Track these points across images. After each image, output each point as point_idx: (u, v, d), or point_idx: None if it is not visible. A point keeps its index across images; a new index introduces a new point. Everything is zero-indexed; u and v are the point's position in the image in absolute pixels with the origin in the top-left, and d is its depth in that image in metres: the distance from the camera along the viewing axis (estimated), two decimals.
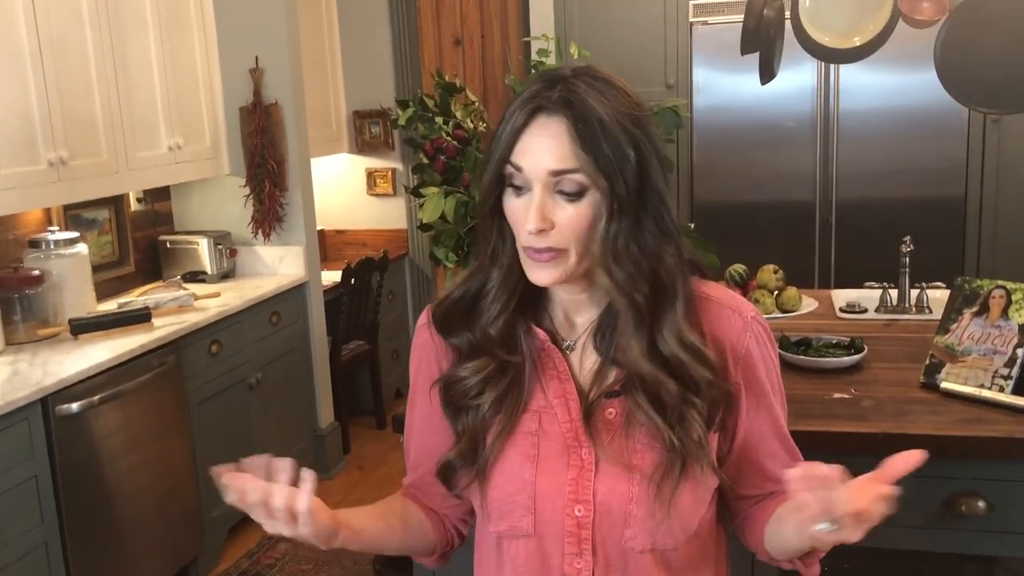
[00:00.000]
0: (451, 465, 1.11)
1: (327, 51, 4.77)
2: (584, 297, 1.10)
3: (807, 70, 3.96)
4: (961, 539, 1.70)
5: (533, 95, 1.02)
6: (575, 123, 0.99)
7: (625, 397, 1.06)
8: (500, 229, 1.07)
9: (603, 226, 1.01)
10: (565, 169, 0.99)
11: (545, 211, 1.00)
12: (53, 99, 2.88)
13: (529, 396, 1.10)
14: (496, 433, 1.09)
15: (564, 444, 1.07)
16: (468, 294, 1.12)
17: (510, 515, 1.08)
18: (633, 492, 1.04)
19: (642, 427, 1.05)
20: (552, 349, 1.11)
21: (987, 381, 1.80)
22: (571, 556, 1.06)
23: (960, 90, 2.23)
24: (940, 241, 3.93)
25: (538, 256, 1.03)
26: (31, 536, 2.45)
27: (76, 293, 3.10)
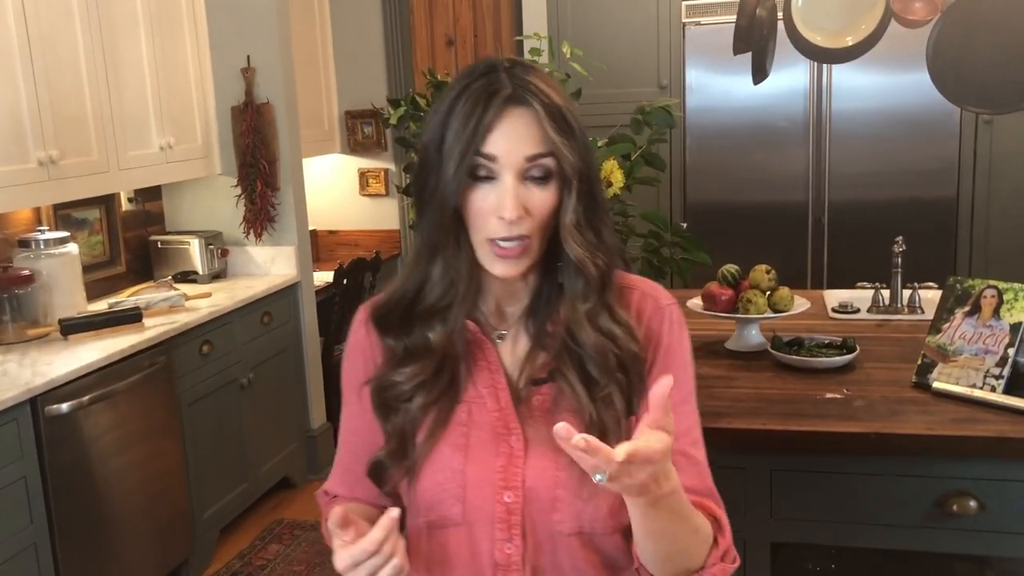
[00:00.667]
0: (382, 464, 1.13)
1: (319, 50, 4.76)
2: (520, 286, 1.13)
3: (799, 71, 3.96)
4: (952, 539, 1.71)
5: (488, 87, 1.03)
6: (544, 111, 1.02)
7: (552, 383, 1.10)
8: (455, 229, 1.06)
9: (568, 204, 1.05)
10: (540, 153, 1.02)
11: (519, 198, 1.02)
12: (43, 97, 2.87)
13: (461, 388, 1.11)
14: (428, 428, 1.10)
15: (493, 432, 1.09)
16: (406, 296, 1.11)
17: (440, 504, 1.09)
18: (560, 476, 1.06)
19: (567, 412, 1.08)
20: (483, 340, 1.13)
21: (979, 381, 1.80)
22: (501, 542, 1.08)
23: (952, 90, 2.23)
24: (932, 241, 3.94)
25: (507, 251, 1.04)
26: (20, 538, 2.43)
27: (66, 293, 3.09)
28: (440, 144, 1.04)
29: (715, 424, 1.74)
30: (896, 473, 1.71)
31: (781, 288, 2.17)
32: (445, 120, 1.04)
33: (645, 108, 1.97)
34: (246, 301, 3.50)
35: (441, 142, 1.04)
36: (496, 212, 1.02)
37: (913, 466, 1.70)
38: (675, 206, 4.29)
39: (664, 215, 2.01)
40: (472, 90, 1.03)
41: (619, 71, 4.07)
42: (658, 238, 1.96)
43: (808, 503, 1.75)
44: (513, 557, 1.08)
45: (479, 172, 1.03)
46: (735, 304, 2.17)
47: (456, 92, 1.05)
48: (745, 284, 2.19)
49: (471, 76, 1.05)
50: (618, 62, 4.11)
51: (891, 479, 1.71)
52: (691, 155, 4.19)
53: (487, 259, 1.06)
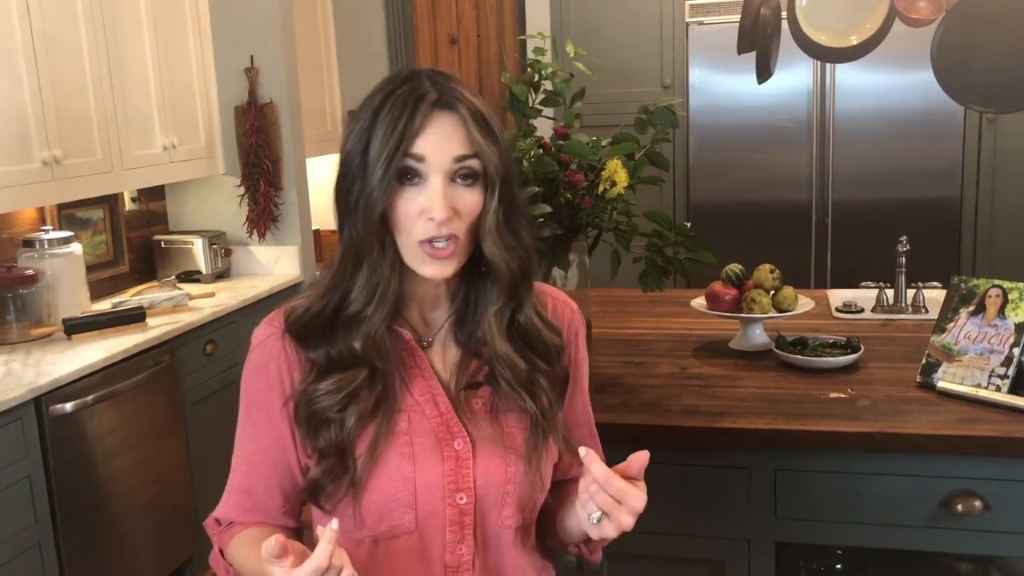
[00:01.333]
0: (319, 483, 1.09)
1: (322, 50, 4.75)
2: (441, 291, 1.15)
3: (803, 71, 3.96)
4: (958, 539, 1.70)
5: (413, 93, 1.04)
6: (470, 116, 1.05)
7: (489, 386, 1.14)
8: (381, 234, 1.06)
9: (489, 205, 1.07)
10: (468, 154, 1.05)
11: (449, 199, 1.04)
12: (47, 97, 2.87)
13: (397, 397, 1.12)
14: (370, 440, 1.09)
15: (436, 438, 1.11)
16: (328, 307, 1.10)
17: (389, 515, 1.09)
18: (510, 472, 1.11)
19: (508, 412, 1.13)
20: (414, 348, 1.14)
21: (984, 380, 1.80)
22: (453, 544, 1.10)
23: (957, 89, 2.23)
24: (936, 241, 3.93)
25: (439, 251, 1.05)
26: (24, 536, 2.44)
27: (70, 293, 3.09)
28: (365, 150, 1.05)
29: (719, 424, 1.74)
30: (900, 473, 1.70)
31: (785, 288, 2.17)
32: (370, 125, 1.05)
33: (649, 108, 1.96)
34: (250, 301, 3.50)
35: (366, 148, 1.05)
36: (426, 213, 1.04)
37: (918, 466, 1.69)
38: (678, 206, 4.29)
39: (667, 215, 2.01)
40: (397, 96, 1.05)
41: (622, 71, 4.07)
42: (662, 237, 1.96)
43: (812, 503, 1.75)
44: (464, 557, 1.10)
45: (407, 175, 1.04)
46: (739, 304, 2.17)
47: (380, 99, 1.06)
48: (749, 284, 2.18)
49: (393, 83, 1.07)
50: (621, 62, 4.11)
51: (895, 479, 1.71)
52: (694, 155, 4.19)
53: (417, 261, 1.07)
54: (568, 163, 1.86)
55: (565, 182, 1.84)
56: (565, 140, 1.89)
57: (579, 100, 2.00)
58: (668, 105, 1.94)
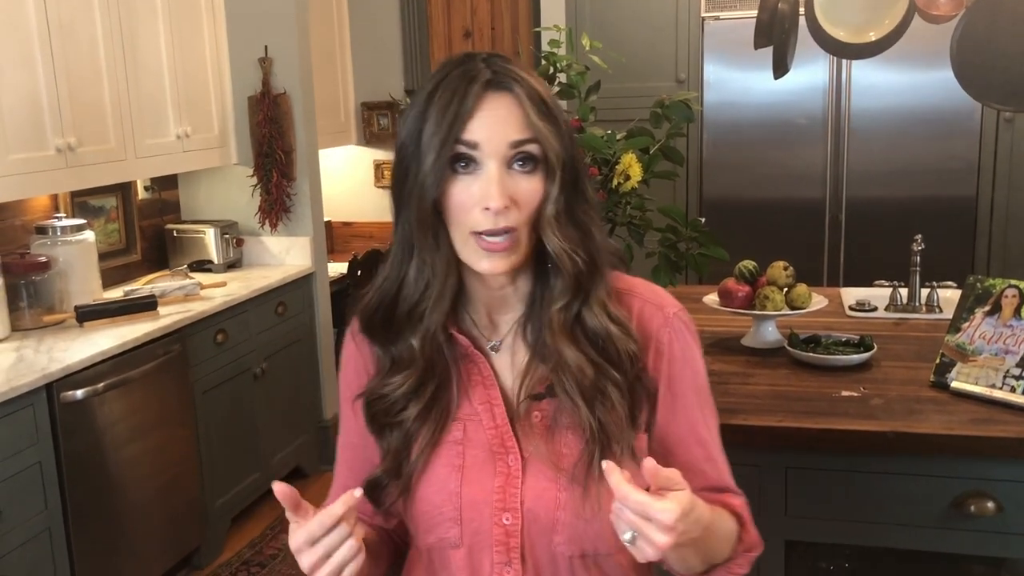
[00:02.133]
0: (377, 482, 1.08)
1: (336, 42, 4.76)
2: (509, 291, 1.07)
3: (819, 67, 3.93)
4: (969, 540, 1.69)
5: (465, 75, 0.99)
6: (526, 96, 0.99)
7: (552, 399, 1.04)
8: (434, 225, 1.00)
9: (551, 195, 1.00)
10: (526, 139, 0.98)
11: (506, 187, 0.97)
12: (62, 85, 2.87)
13: (454, 405, 1.07)
14: (421, 446, 1.05)
15: (490, 451, 1.05)
16: (386, 299, 1.06)
17: (437, 527, 1.06)
18: (561, 498, 1.02)
19: (566, 429, 1.03)
20: (475, 354, 1.07)
21: (998, 381, 1.78)
22: (500, 565, 1.04)
23: (976, 87, 2.20)
24: (951, 241, 3.90)
25: (494, 244, 0.98)
26: (35, 522, 2.45)
27: (82, 280, 3.10)
28: (418, 138, 0.99)
29: (730, 421, 1.73)
30: (913, 473, 1.69)
31: (799, 285, 2.16)
32: (423, 112, 0.99)
33: (664, 102, 1.95)
34: (261, 291, 3.51)
35: (419, 136, 0.99)
36: (481, 203, 0.97)
37: (930, 466, 1.68)
38: (691, 202, 4.27)
39: (681, 210, 2.00)
40: (450, 79, 0.99)
41: (637, 65, 4.04)
42: (676, 233, 1.95)
43: (823, 501, 1.74)
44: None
45: (461, 162, 0.98)
46: (752, 300, 2.16)
47: (434, 82, 1.00)
48: (762, 280, 2.17)
49: (448, 66, 1.01)
50: (636, 56, 4.09)
51: (908, 479, 1.69)
52: (708, 150, 4.17)
53: (472, 255, 1.00)
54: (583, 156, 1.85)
55: None
56: (580, 133, 1.88)
57: (594, 93, 1.99)
58: (684, 99, 1.93)
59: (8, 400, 2.35)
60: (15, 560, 2.38)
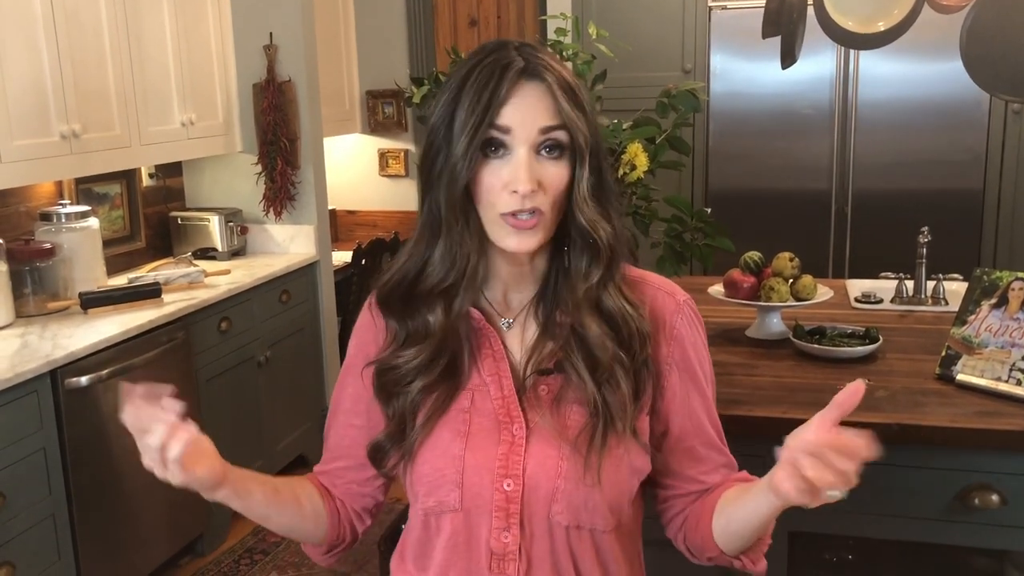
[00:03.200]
0: (380, 446, 1.12)
1: (341, 29, 4.74)
2: (527, 270, 1.11)
3: (826, 58, 3.91)
4: (973, 532, 1.69)
5: (500, 62, 1.02)
6: (557, 85, 1.03)
7: (559, 374, 1.09)
8: (465, 207, 1.04)
9: (581, 174, 1.04)
10: (555, 125, 1.02)
11: (533, 171, 1.01)
12: (66, 71, 2.87)
13: (465, 375, 1.11)
14: (428, 412, 1.09)
15: (495, 420, 1.08)
16: (408, 277, 1.10)
17: (438, 490, 1.08)
18: (562, 467, 1.06)
19: (572, 403, 1.08)
20: (487, 328, 1.12)
21: (1004, 374, 1.77)
22: (498, 530, 1.07)
23: (985, 78, 2.19)
24: (957, 233, 3.89)
25: (522, 223, 1.02)
26: (39, 508, 2.46)
27: (86, 267, 3.10)
28: (451, 121, 1.02)
29: (734, 412, 1.72)
30: (917, 465, 1.69)
31: (804, 276, 2.15)
32: (456, 96, 1.03)
33: (671, 91, 1.94)
34: (265, 279, 3.51)
35: (452, 119, 1.02)
36: (510, 186, 1.01)
37: (935, 458, 1.68)
38: (697, 192, 4.25)
39: (687, 200, 1.99)
40: (484, 65, 1.03)
41: (643, 54, 4.03)
42: (681, 223, 1.94)
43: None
44: (510, 546, 1.07)
45: (492, 146, 1.02)
46: (757, 291, 2.15)
47: (468, 68, 1.04)
48: (767, 272, 2.16)
49: (482, 53, 1.05)
50: (642, 45, 4.07)
51: (912, 471, 1.69)
52: (714, 141, 4.15)
53: (500, 234, 1.04)
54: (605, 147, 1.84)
55: None
56: None
57: (600, 82, 1.98)
58: (691, 89, 1.92)
59: (12, 386, 2.35)
60: (19, 546, 2.38)
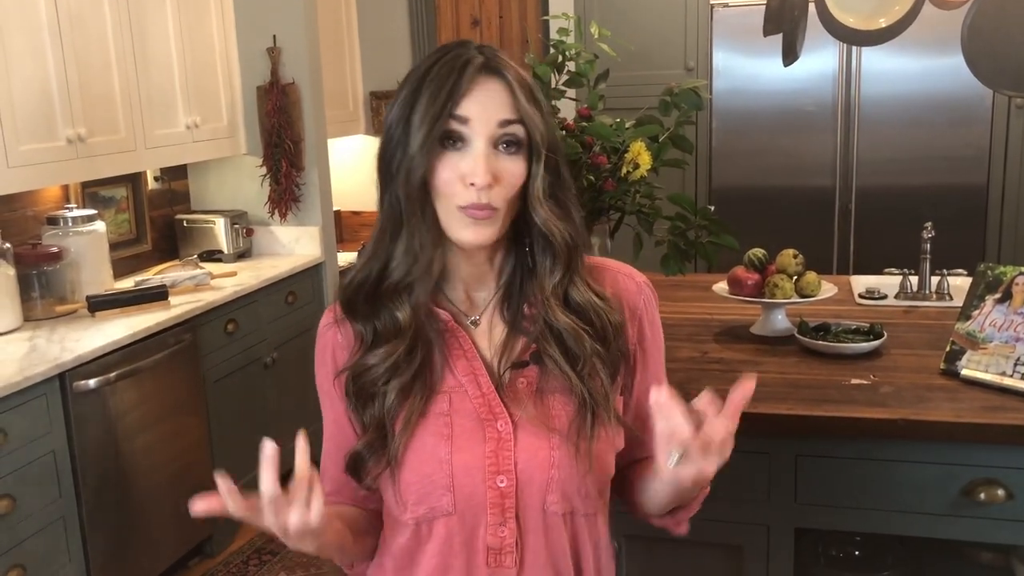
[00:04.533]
0: (360, 456, 1.10)
1: (344, 31, 4.75)
2: (487, 268, 1.12)
3: (829, 54, 3.91)
4: (979, 527, 1.69)
5: (460, 57, 1.04)
6: (517, 82, 1.05)
7: (535, 365, 1.10)
8: (421, 200, 1.04)
9: (536, 172, 1.05)
10: (513, 119, 1.03)
11: (491, 165, 1.02)
12: (72, 76, 2.88)
13: (438, 378, 1.10)
14: (406, 419, 1.08)
15: (478, 419, 1.08)
16: (371, 276, 1.09)
17: (428, 497, 1.07)
18: (554, 457, 1.07)
19: (555, 392, 1.09)
20: (456, 328, 1.12)
21: (1008, 369, 1.78)
22: (494, 526, 1.08)
23: (987, 74, 2.19)
24: (961, 228, 3.89)
25: (477, 212, 1.03)
26: (49, 510, 2.47)
27: (93, 270, 3.12)
28: (409, 115, 1.03)
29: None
30: (923, 460, 1.69)
31: (808, 273, 2.15)
32: (415, 91, 1.04)
33: (673, 90, 1.95)
34: (271, 281, 3.52)
35: (411, 113, 1.03)
36: (467, 178, 1.02)
37: (940, 453, 1.68)
38: (700, 190, 4.26)
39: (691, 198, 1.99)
40: (444, 62, 1.04)
41: (646, 53, 4.03)
42: (685, 221, 1.95)
43: (833, 489, 1.74)
44: (507, 540, 1.08)
45: (450, 138, 1.03)
46: (761, 288, 2.15)
47: (427, 65, 1.05)
48: (772, 269, 2.17)
49: (442, 52, 1.07)
50: (645, 44, 4.08)
51: (917, 466, 1.69)
52: (717, 139, 4.16)
53: (456, 227, 1.04)
54: (591, 145, 1.85)
55: (588, 164, 1.84)
56: (588, 122, 1.88)
57: (603, 81, 1.99)
58: (693, 87, 1.93)
59: (21, 390, 2.37)
60: (30, 548, 2.40)
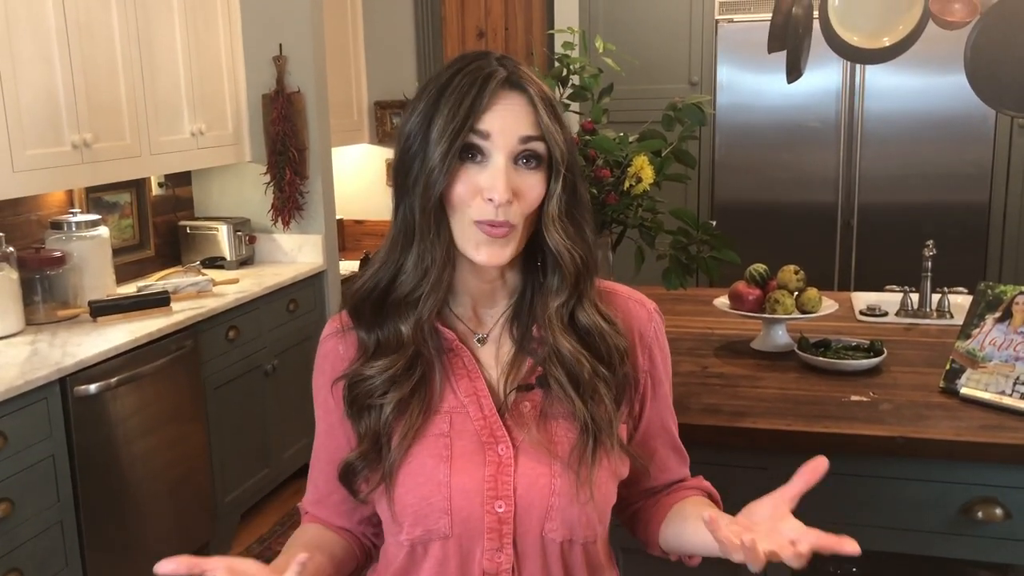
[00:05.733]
0: (352, 467, 1.08)
1: (350, 40, 4.77)
2: (498, 285, 1.10)
3: (832, 71, 3.93)
4: (977, 546, 1.69)
5: (483, 70, 1.01)
6: (539, 97, 1.03)
7: (541, 388, 1.08)
8: (438, 214, 1.02)
9: (555, 192, 1.04)
10: (534, 135, 1.02)
11: (511, 181, 1.00)
12: (78, 82, 2.90)
13: (438, 397, 1.08)
14: (402, 435, 1.06)
15: (479, 442, 1.06)
16: (379, 286, 1.07)
17: (425, 519, 1.05)
18: (555, 484, 1.05)
19: (558, 418, 1.07)
20: (460, 348, 1.09)
21: (1008, 388, 1.78)
22: (491, 552, 1.05)
23: (990, 93, 2.20)
24: (962, 247, 3.89)
25: (494, 231, 1.00)
26: (47, 515, 2.47)
27: (96, 275, 3.12)
28: (428, 127, 1.01)
29: (738, 423, 1.73)
30: (921, 478, 1.69)
31: (809, 289, 2.16)
32: (435, 102, 1.01)
33: (677, 104, 1.96)
34: (273, 288, 3.53)
35: (430, 125, 1.01)
36: (486, 193, 1.00)
37: (939, 472, 1.68)
38: (703, 205, 4.27)
39: (693, 213, 2.00)
40: (466, 73, 1.02)
41: (650, 67, 4.05)
42: (687, 235, 1.96)
43: (831, 506, 1.74)
44: (503, 565, 1.06)
45: (471, 151, 1.01)
46: (762, 304, 2.16)
47: (448, 76, 1.02)
48: (773, 284, 2.17)
49: (463, 62, 1.04)
50: (649, 58, 4.10)
51: (916, 484, 1.69)
52: (720, 154, 4.17)
53: (470, 245, 1.02)
54: (594, 158, 1.86)
55: (591, 177, 1.84)
56: (592, 135, 1.89)
57: (607, 95, 1.99)
58: (696, 102, 1.94)
59: (22, 394, 2.37)
60: (27, 552, 2.40)
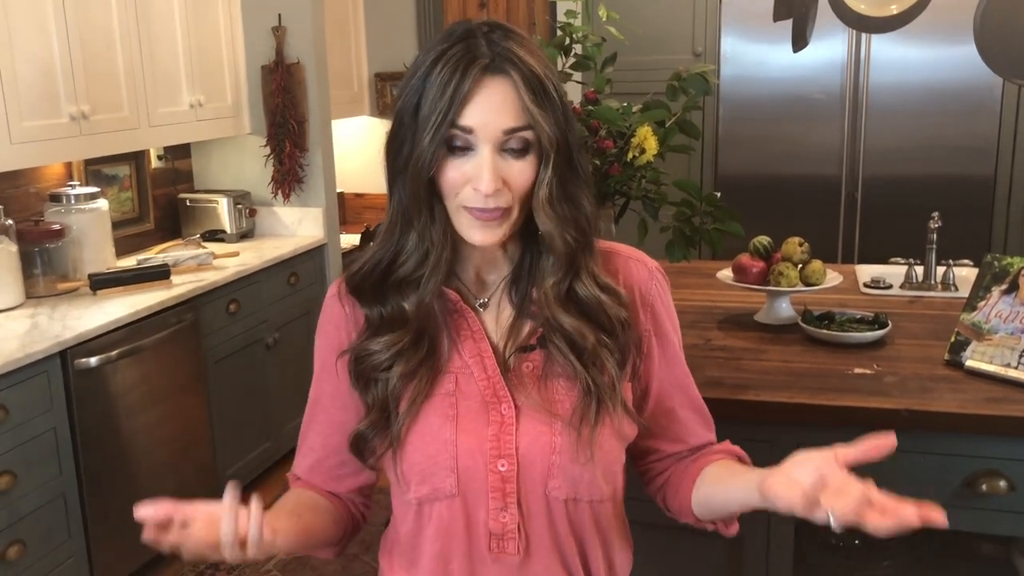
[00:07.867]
0: (363, 436, 1.10)
1: (350, 11, 4.72)
2: (499, 253, 1.11)
3: (838, 42, 3.88)
4: (980, 518, 1.68)
5: (466, 55, 0.99)
6: (523, 81, 1.00)
7: (541, 349, 1.09)
8: (429, 199, 1.03)
9: (542, 178, 1.03)
10: (519, 127, 1.00)
11: (497, 171, 1.00)
12: (75, 52, 2.87)
13: (445, 359, 1.10)
14: (411, 399, 1.08)
15: (483, 401, 1.08)
16: (381, 265, 1.09)
17: (432, 477, 1.07)
18: (556, 442, 1.06)
19: (559, 378, 1.08)
20: (465, 309, 1.11)
21: (1013, 360, 1.77)
22: (496, 511, 1.07)
23: (999, 62, 2.17)
24: (968, 219, 3.87)
25: (485, 215, 1.02)
26: (49, 487, 2.48)
27: (96, 248, 3.11)
28: (416, 110, 1.00)
29: (743, 396, 1.72)
30: (925, 451, 1.68)
31: (814, 261, 2.14)
32: (421, 85, 1.00)
33: (681, 74, 1.93)
34: (273, 261, 3.51)
35: (417, 108, 1.00)
36: (473, 183, 1.00)
37: (943, 444, 1.67)
38: (706, 177, 4.24)
39: (696, 184, 1.98)
40: (449, 56, 0.99)
41: (653, 38, 4.01)
42: (690, 207, 1.94)
43: None
44: (508, 525, 1.07)
45: (456, 143, 1.00)
46: (766, 276, 2.14)
47: (433, 57, 1.00)
48: (777, 256, 2.15)
49: (448, 41, 1.01)
50: (653, 28, 4.05)
51: (920, 457, 1.69)
52: (724, 125, 4.13)
53: (464, 226, 1.03)
54: (597, 129, 1.84)
55: (594, 148, 1.82)
56: (595, 105, 1.86)
57: (610, 65, 1.97)
58: (701, 72, 1.91)
59: (23, 367, 2.37)
60: (30, 524, 2.41)
